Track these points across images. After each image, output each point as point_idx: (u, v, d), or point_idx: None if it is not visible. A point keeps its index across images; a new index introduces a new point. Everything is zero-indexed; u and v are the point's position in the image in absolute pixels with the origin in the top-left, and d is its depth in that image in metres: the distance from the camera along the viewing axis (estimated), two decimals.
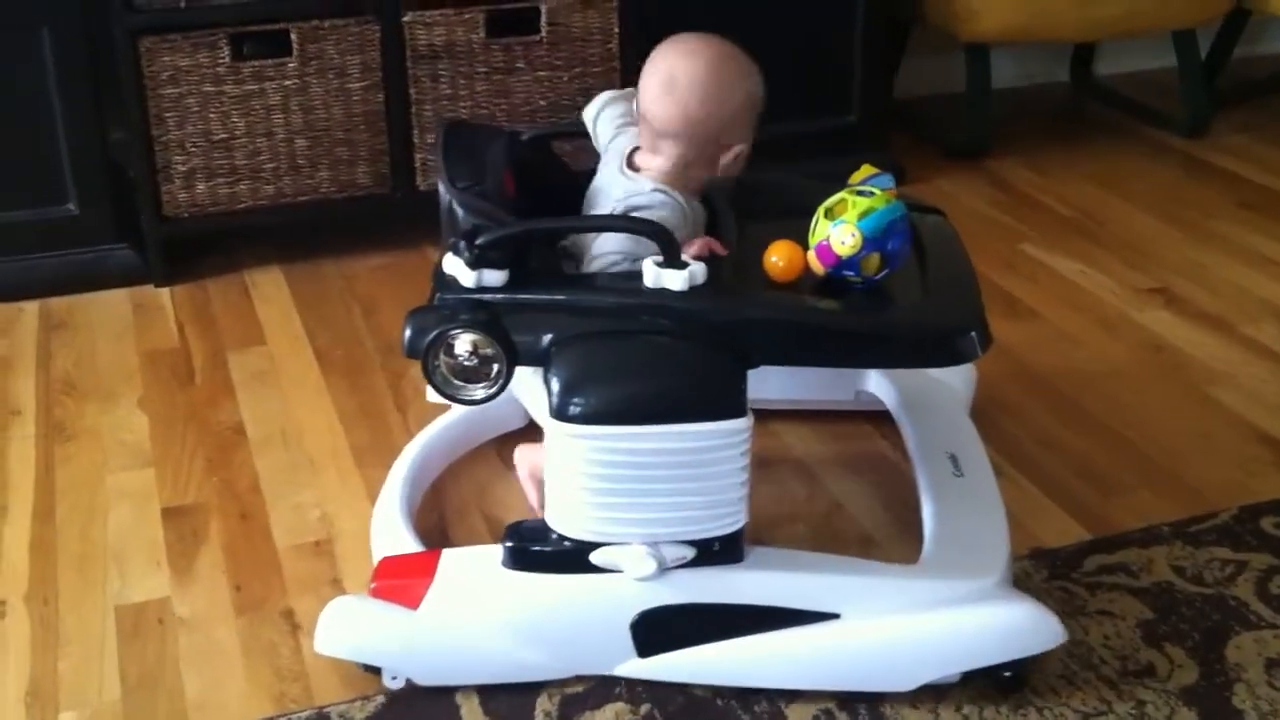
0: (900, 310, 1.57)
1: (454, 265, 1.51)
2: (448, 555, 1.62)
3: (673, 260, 1.50)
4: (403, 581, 1.59)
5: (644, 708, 1.57)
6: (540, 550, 1.56)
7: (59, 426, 2.14)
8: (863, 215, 1.51)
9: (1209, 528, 1.88)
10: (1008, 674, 1.58)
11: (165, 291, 2.58)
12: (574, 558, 1.54)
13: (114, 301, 2.55)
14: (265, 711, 1.58)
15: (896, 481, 1.96)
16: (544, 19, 2.61)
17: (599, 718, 1.56)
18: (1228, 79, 3.52)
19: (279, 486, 1.99)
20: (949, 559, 1.65)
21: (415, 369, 2.24)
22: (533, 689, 1.59)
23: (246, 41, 2.49)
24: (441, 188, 1.58)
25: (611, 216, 1.63)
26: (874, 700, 1.58)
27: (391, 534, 1.76)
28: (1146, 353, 2.33)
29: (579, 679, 1.60)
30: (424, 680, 1.59)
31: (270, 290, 2.58)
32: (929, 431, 1.89)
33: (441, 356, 1.51)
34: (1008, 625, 1.56)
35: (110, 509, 1.94)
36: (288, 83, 2.53)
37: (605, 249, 1.60)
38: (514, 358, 1.50)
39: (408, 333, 1.51)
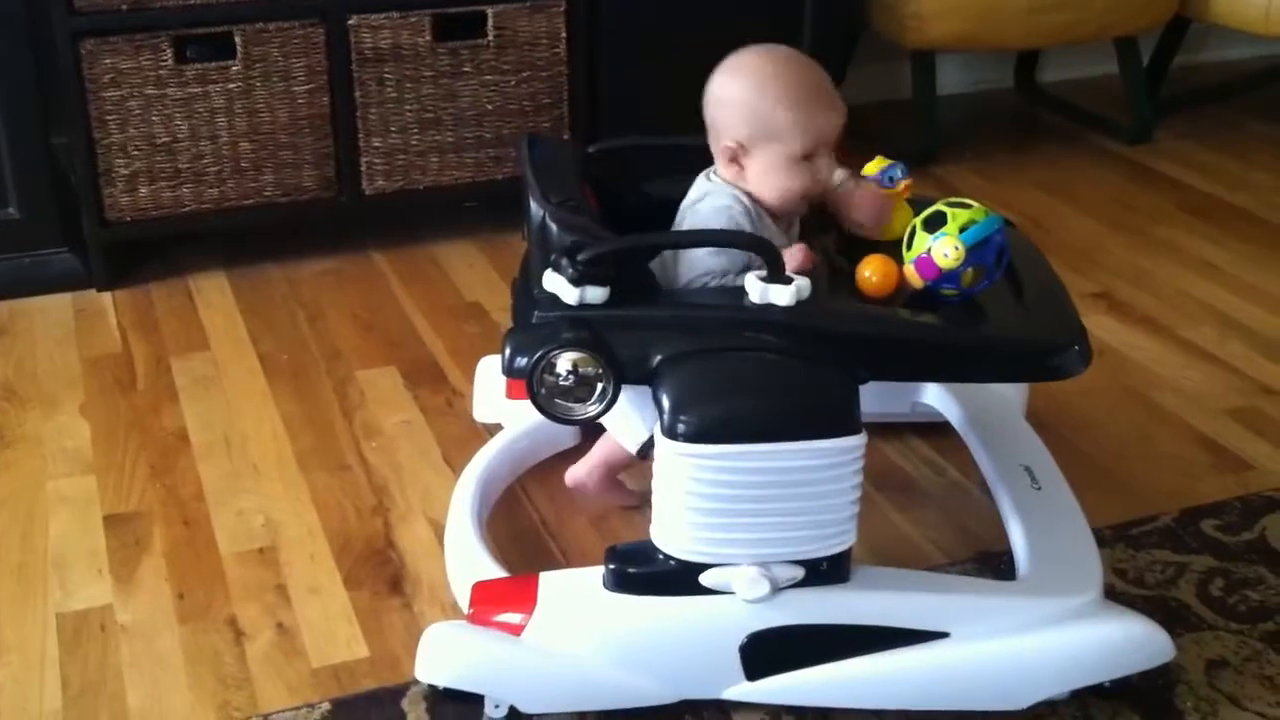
0: (1004, 324, 1.55)
1: (555, 282, 1.47)
2: (546, 579, 1.57)
3: (777, 275, 1.47)
4: (503, 607, 1.55)
5: (592, 713, 1.57)
6: (644, 572, 1.52)
7: None
8: (964, 227, 1.50)
9: (1150, 530, 1.89)
10: (1108, 685, 1.58)
11: (108, 296, 2.55)
12: (680, 579, 1.51)
13: (56, 306, 2.52)
14: None
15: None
16: (491, 23, 2.61)
17: None
18: (1170, 86, 3.56)
19: (222, 493, 1.97)
20: (1048, 576, 1.63)
21: (362, 374, 2.27)
22: (478, 696, 1.58)
23: (190, 44, 2.47)
24: (534, 203, 1.55)
25: (716, 231, 1.58)
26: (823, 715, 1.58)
27: (470, 557, 1.71)
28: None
29: None
30: (529, 708, 1.54)
31: (214, 295, 2.56)
32: (1000, 445, 1.86)
33: (544, 377, 1.46)
34: (1120, 642, 1.56)
35: (51, 516, 1.92)
36: (231, 86, 2.51)
37: (697, 270, 1.57)
38: (621, 376, 1.46)
39: (507, 351, 1.47)
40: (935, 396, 2.01)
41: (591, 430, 1.89)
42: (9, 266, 2.54)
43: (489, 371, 2.09)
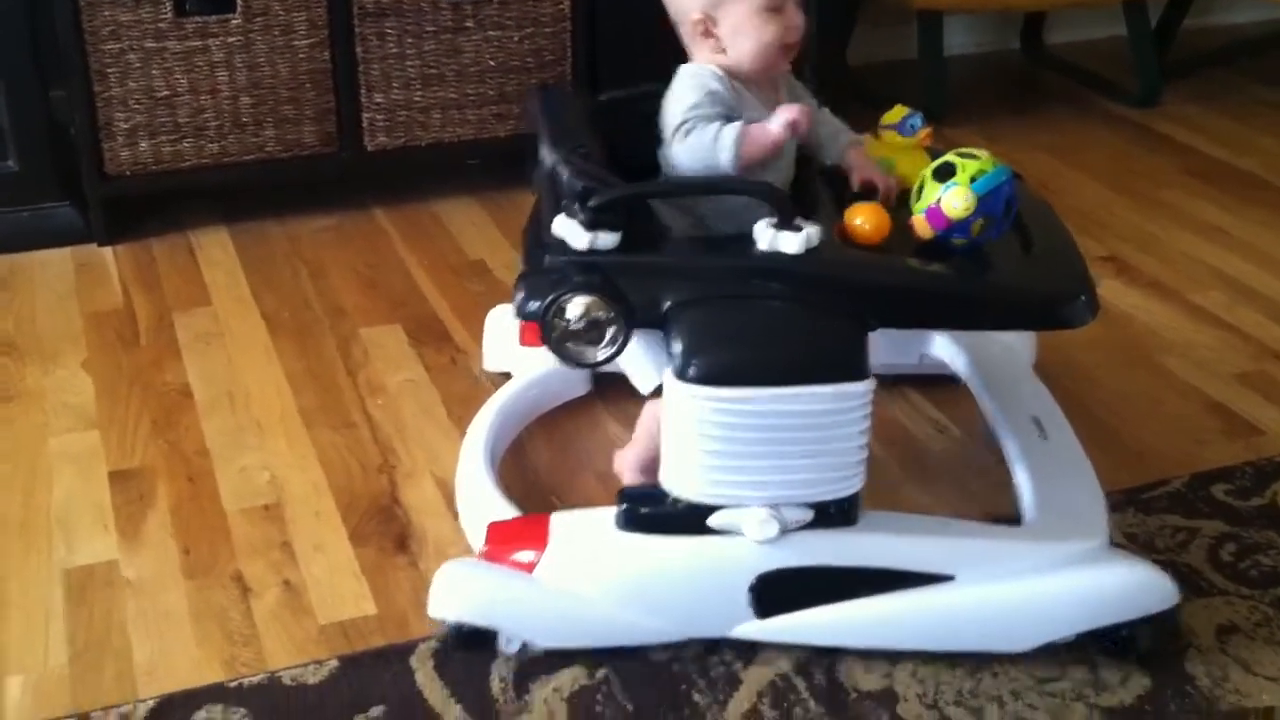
0: (1013, 274, 1.56)
1: (566, 228, 1.48)
2: (558, 518, 1.60)
3: (786, 222, 1.47)
4: (515, 546, 1.58)
5: (600, 672, 1.56)
6: (655, 512, 1.55)
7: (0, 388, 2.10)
8: (973, 178, 1.50)
9: (1160, 495, 1.89)
10: (1124, 634, 1.58)
11: (108, 251, 2.53)
12: (690, 520, 1.53)
13: (56, 261, 2.50)
14: (216, 676, 1.56)
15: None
16: None
17: (555, 683, 1.55)
18: (1178, 50, 3.54)
19: (226, 449, 1.96)
20: (1053, 522, 1.64)
21: (365, 331, 2.25)
22: (487, 653, 1.57)
23: None
24: (543, 151, 1.56)
25: (724, 178, 1.56)
26: (829, 665, 1.57)
27: (483, 499, 1.73)
28: (1098, 321, 2.31)
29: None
30: (541, 643, 1.57)
31: (215, 251, 2.54)
32: (1007, 396, 1.88)
33: (555, 321, 1.47)
34: (1124, 586, 1.57)
35: (54, 472, 1.91)
36: (232, 39, 2.48)
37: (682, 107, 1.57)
38: (631, 320, 1.48)
39: (520, 295, 1.48)
40: (943, 348, 2.01)
41: (601, 379, 1.94)
42: (8, 220, 2.52)
43: (500, 321, 2.09)
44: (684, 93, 1.59)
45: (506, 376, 2.03)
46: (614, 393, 2.01)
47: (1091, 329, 2.25)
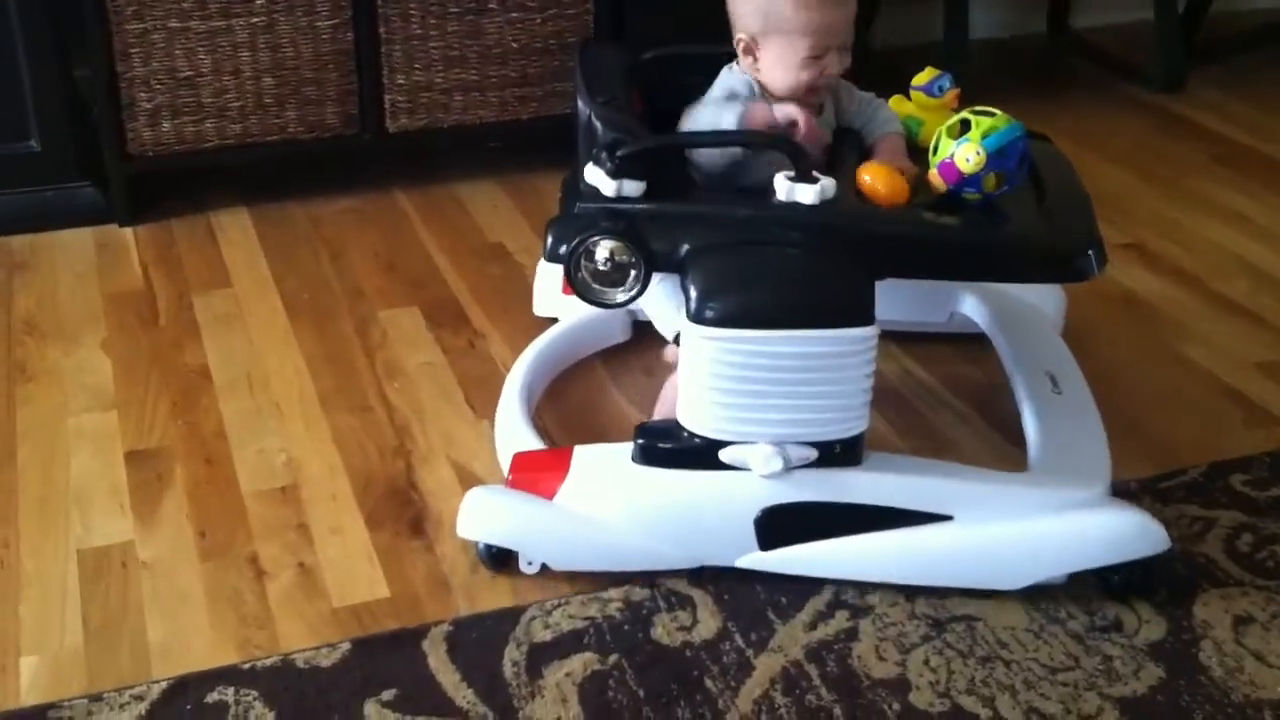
0: (1021, 228, 1.62)
1: (595, 175, 1.57)
2: (580, 451, 1.70)
3: (804, 175, 1.54)
4: (539, 474, 1.68)
5: (612, 658, 1.57)
6: (670, 447, 1.64)
7: (20, 367, 2.11)
8: (986, 134, 1.56)
9: (1178, 484, 1.88)
10: (1116, 577, 1.66)
11: (129, 232, 2.54)
12: (702, 455, 1.62)
13: (77, 241, 2.50)
14: (230, 658, 1.56)
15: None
16: None
17: (568, 666, 1.55)
18: (1204, 34, 3.50)
19: (244, 431, 1.96)
20: (1055, 469, 1.72)
21: (384, 314, 2.25)
22: (500, 638, 1.58)
23: None
24: (580, 103, 1.66)
25: (745, 132, 1.65)
26: (842, 652, 1.57)
27: (516, 433, 1.83)
28: (1119, 308, 2.33)
29: (561, 601, 1.60)
30: (557, 565, 1.68)
31: (236, 232, 2.54)
32: (1026, 351, 1.95)
33: (582, 263, 1.57)
34: (1114, 530, 1.63)
35: (72, 452, 1.92)
36: (255, 20, 2.48)
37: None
38: (651, 264, 1.57)
39: (549, 240, 1.59)
40: (972, 307, 2.09)
41: (642, 328, 2.07)
42: (31, 199, 2.52)
43: (549, 269, 2.13)
44: (711, 92, 1.72)
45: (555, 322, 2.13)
46: (651, 341, 2.03)
47: (1113, 316, 2.28)
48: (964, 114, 1.60)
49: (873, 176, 1.59)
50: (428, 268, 2.42)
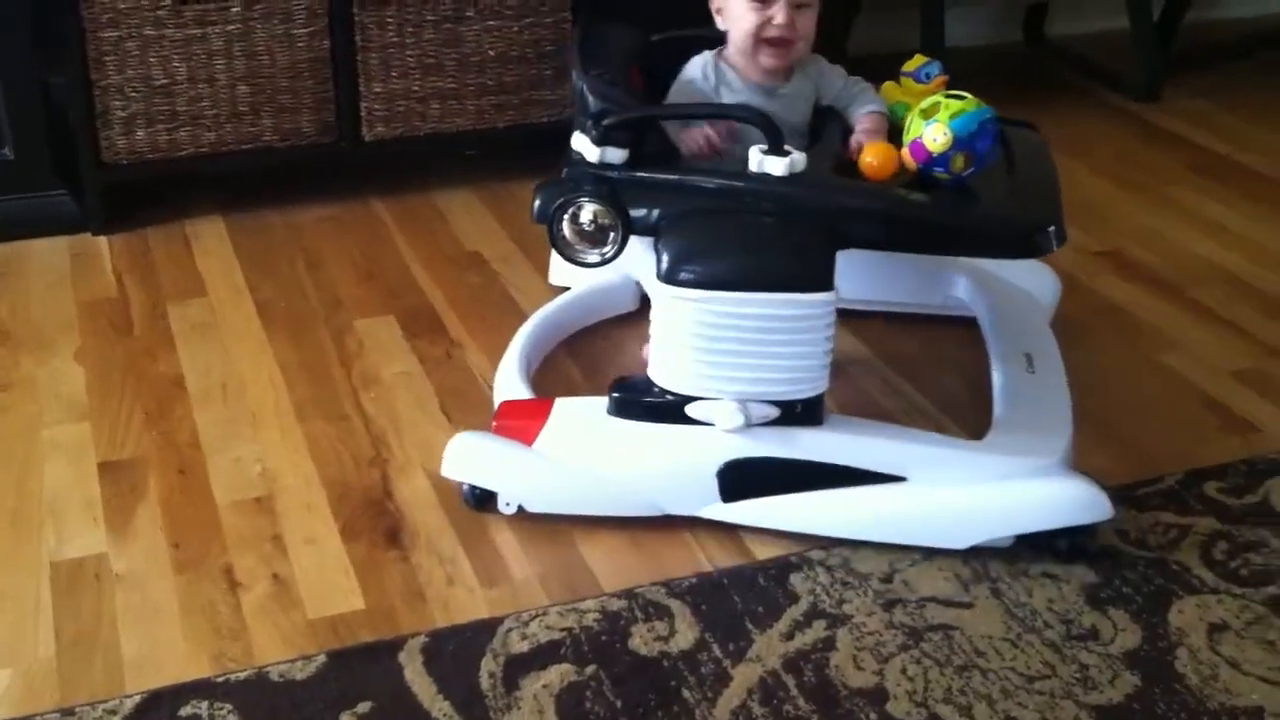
0: (982, 205, 1.69)
1: (581, 143, 1.69)
2: (560, 402, 1.80)
3: (776, 148, 1.64)
4: (520, 421, 1.78)
5: (589, 669, 1.56)
6: (642, 401, 1.74)
7: None
8: (954, 116, 1.63)
9: (1154, 491, 1.88)
10: (1063, 545, 1.73)
11: (103, 240, 2.53)
12: (671, 410, 1.72)
13: (51, 249, 2.49)
14: (204, 671, 1.55)
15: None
16: None
17: (545, 678, 1.55)
18: (1180, 43, 3.52)
19: (219, 441, 1.95)
20: (1013, 439, 1.79)
21: (360, 324, 2.25)
22: (477, 649, 1.57)
23: None
24: (574, 74, 1.75)
25: (725, 105, 1.82)
26: (819, 662, 1.57)
27: (510, 386, 1.94)
28: (1098, 316, 2.33)
29: (538, 613, 1.59)
30: (534, 507, 1.77)
31: (211, 241, 2.53)
32: (1009, 333, 2.04)
33: (566, 223, 1.69)
34: (1058, 496, 1.71)
35: (45, 463, 1.90)
36: (231, 27, 2.47)
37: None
38: (629, 228, 1.68)
39: (537, 202, 1.71)
40: (965, 290, 2.19)
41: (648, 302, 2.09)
42: (4, 208, 2.51)
43: None
44: (680, 77, 1.86)
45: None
46: None
47: (1091, 324, 2.28)
48: (936, 96, 1.67)
49: (872, 156, 1.68)
50: (404, 276, 2.42)
